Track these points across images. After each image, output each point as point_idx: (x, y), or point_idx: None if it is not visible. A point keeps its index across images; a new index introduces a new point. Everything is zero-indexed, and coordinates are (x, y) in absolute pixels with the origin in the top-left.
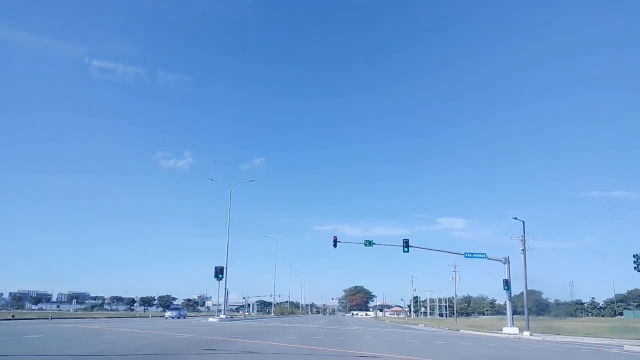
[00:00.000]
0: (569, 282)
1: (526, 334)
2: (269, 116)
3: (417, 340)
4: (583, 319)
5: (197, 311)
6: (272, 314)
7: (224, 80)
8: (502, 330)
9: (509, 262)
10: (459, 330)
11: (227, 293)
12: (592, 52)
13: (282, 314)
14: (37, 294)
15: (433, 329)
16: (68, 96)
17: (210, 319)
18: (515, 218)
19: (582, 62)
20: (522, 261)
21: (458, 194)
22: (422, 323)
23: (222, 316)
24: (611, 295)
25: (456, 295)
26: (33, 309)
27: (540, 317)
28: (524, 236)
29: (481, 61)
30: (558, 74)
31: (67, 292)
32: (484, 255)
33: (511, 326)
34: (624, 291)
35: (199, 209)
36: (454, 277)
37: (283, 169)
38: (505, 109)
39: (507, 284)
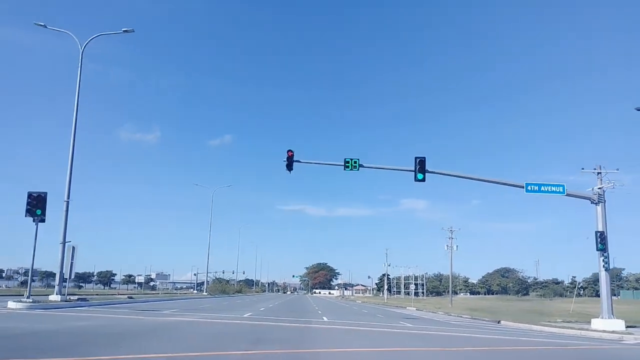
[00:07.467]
0: (536, 260)
1: None
2: (240, 94)
3: None
4: (572, 299)
5: (152, 288)
6: (205, 293)
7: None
8: (590, 323)
9: (604, 202)
10: (499, 322)
11: (73, 250)
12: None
13: (224, 292)
14: None
15: (436, 314)
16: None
17: (11, 304)
18: (638, 109)
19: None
20: None
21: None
22: (410, 305)
23: (55, 298)
24: (578, 275)
25: (452, 269)
26: None
27: (526, 296)
28: None
29: (471, 23)
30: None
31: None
32: (560, 190)
33: (609, 317)
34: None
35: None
36: (449, 245)
37: (251, 146)
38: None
39: (602, 239)
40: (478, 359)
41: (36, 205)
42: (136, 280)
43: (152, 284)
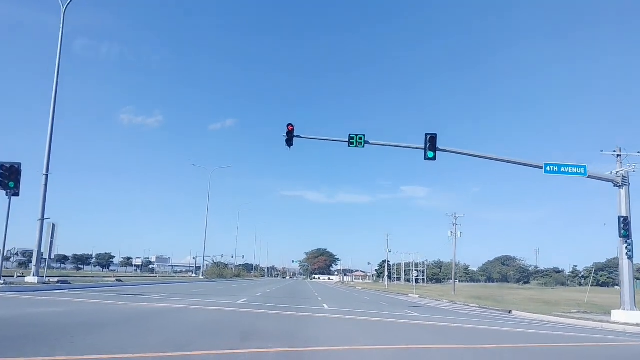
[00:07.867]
0: (535, 249)
1: None
2: (243, 78)
3: None
4: (577, 289)
5: (151, 271)
6: (201, 276)
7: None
8: (610, 314)
9: (628, 184)
10: (510, 312)
11: (53, 228)
12: None
13: (221, 276)
14: None
15: (440, 302)
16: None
17: None
18: None
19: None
20: None
21: (421, 162)
22: (412, 292)
23: (32, 280)
24: (578, 264)
25: (455, 256)
26: None
27: (528, 285)
28: None
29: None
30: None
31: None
32: (582, 171)
33: (631, 308)
34: (602, 259)
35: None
36: (453, 231)
37: (255, 132)
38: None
39: (625, 224)
40: (511, 358)
41: (9, 177)
42: (134, 263)
43: (151, 267)
